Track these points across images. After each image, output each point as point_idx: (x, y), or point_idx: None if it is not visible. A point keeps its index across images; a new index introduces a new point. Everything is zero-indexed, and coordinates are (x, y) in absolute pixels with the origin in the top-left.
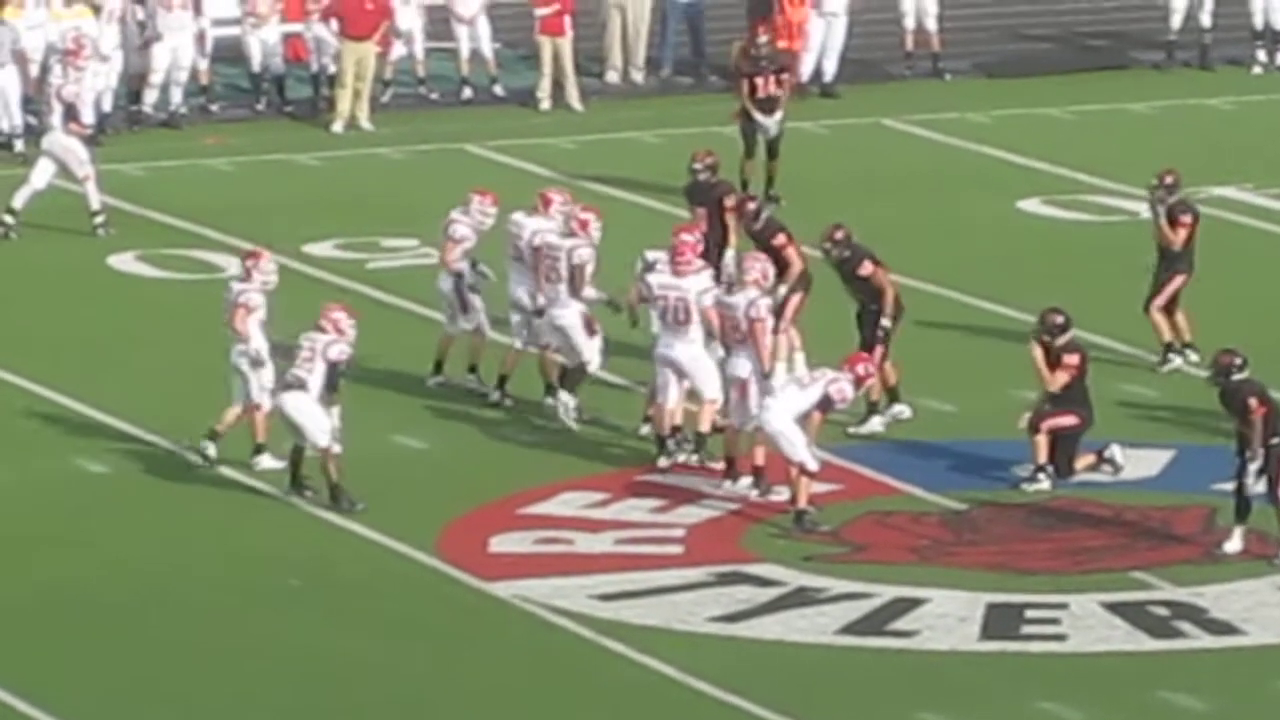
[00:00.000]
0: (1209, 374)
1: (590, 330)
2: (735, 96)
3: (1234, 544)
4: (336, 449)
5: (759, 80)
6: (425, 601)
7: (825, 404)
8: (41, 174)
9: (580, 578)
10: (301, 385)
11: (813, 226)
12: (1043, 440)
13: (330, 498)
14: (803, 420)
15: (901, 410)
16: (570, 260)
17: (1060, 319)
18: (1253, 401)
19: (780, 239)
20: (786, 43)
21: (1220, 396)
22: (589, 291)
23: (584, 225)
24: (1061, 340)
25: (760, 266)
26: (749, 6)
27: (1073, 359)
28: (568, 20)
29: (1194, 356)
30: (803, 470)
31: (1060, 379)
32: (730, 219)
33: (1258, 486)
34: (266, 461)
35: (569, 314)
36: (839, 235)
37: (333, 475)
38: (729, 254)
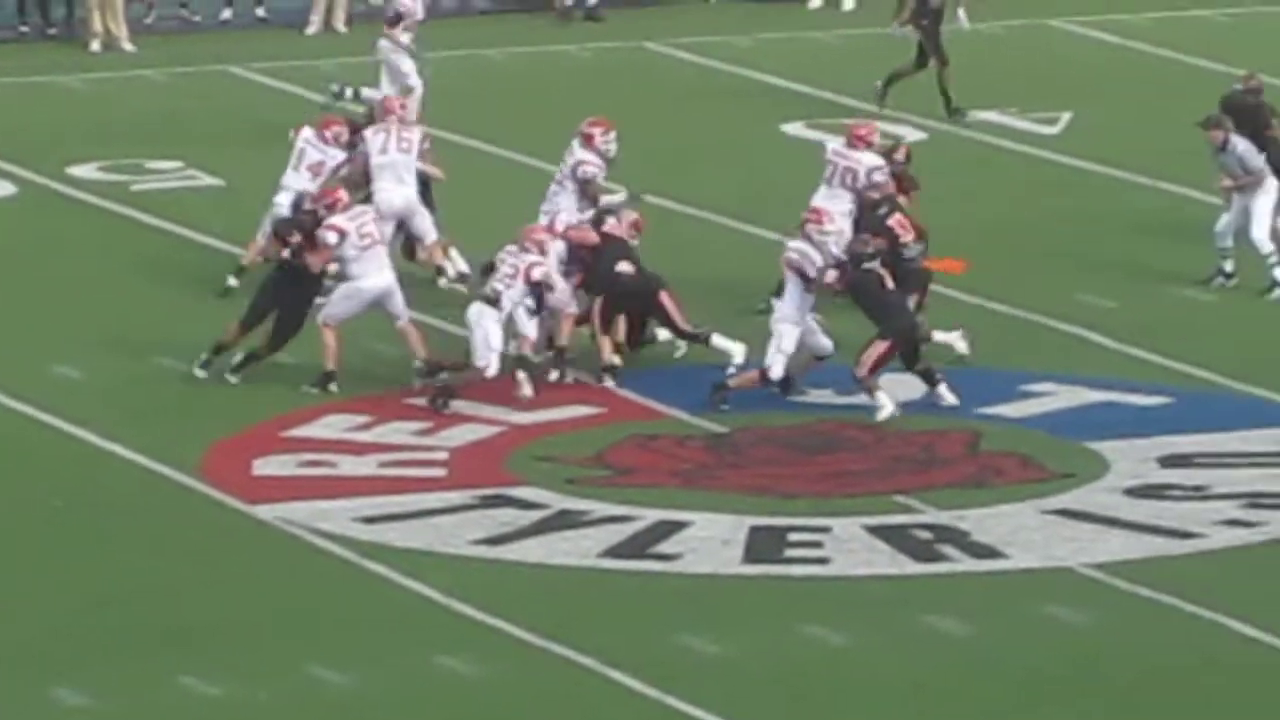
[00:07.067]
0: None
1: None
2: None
3: (958, 344)
4: (491, 372)
5: None
6: (189, 523)
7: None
8: None
9: (344, 500)
10: (495, 300)
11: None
12: None
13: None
14: None
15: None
16: None
17: None
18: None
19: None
20: None
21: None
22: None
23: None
24: None
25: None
26: None
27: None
28: None
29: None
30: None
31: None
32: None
33: None
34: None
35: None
36: None
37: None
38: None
